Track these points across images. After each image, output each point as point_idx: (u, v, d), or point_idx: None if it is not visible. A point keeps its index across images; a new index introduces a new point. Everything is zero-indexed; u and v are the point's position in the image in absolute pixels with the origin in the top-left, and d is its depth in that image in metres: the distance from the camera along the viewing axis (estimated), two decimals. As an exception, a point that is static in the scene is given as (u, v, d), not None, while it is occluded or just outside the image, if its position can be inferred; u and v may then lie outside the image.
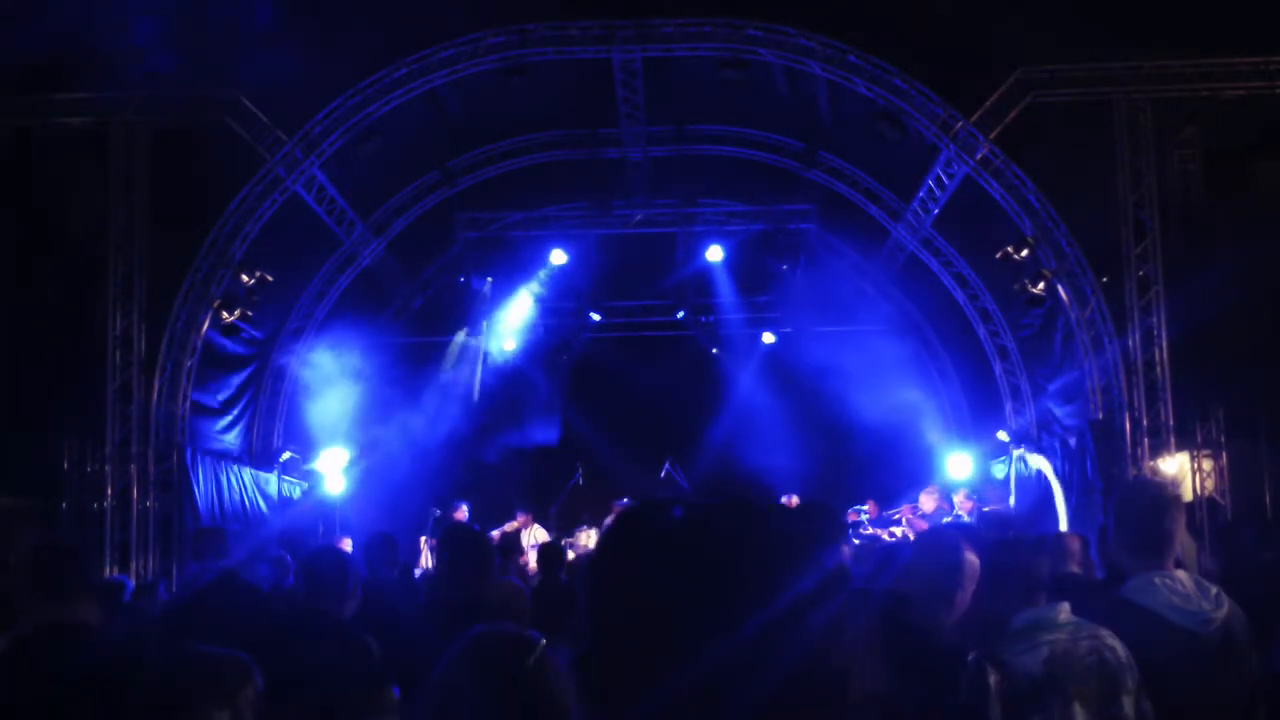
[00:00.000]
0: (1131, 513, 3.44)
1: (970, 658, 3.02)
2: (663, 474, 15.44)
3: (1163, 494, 3.55)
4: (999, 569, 3.30)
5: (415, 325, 17.19)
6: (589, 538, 13.44)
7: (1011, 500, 14.44)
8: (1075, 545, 5.61)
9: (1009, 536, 3.63)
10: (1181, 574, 3.37)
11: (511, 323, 16.40)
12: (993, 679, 2.95)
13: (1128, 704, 3.02)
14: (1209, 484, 12.93)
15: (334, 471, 16.43)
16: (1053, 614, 3.14)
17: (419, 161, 15.02)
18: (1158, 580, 3.29)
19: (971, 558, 3.41)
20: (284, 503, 15.09)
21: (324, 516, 15.90)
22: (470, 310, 15.98)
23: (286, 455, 15.21)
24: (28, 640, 3.21)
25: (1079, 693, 2.97)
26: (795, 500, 13.27)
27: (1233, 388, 12.78)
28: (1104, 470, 12.45)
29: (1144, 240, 12.53)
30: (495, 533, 13.22)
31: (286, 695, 3.22)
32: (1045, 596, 3.22)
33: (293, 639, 3.84)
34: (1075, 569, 5.33)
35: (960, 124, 12.72)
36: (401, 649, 4.30)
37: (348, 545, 12.50)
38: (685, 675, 1.02)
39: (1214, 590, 3.35)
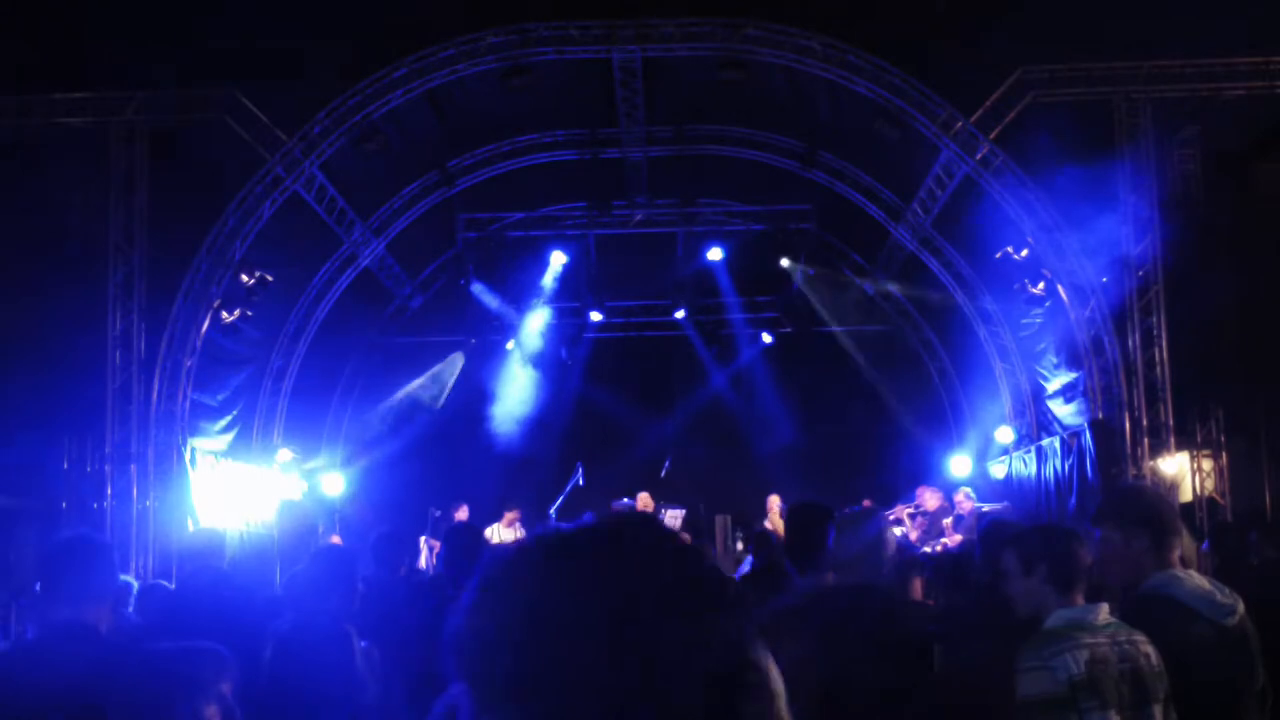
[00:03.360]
0: (1141, 515, 3.40)
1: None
2: (663, 473, 15.44)
3: (1164, 495, 3.55)
4: (1034, 559, 3.20)
5: (415, 325, 17.20)
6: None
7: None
8: None
9: (1045, 525, 3.55)
10: (1194, 574, 3.39)
11: (528, 331, 16.46)
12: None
13: (1158, 713, 2.97)
14: (1209, 484, 12.92)
15: (333, 471, 16.46)
16: (1092, 616, 3.06)
17: (419, 161, 15.01)
18: (1180, 573, 3.30)
19: (890, 535, 3.37)
20: (283, 503, 15.08)
21: (323, 516, 15.92)
22: (472, 314, 15.99)
23: (286, 455, 15.21)
24: (34, 640, 3.21)
25: (1115, 700, 2.91)
26: (776, 500, 13.24)
27: (1232, 388, 12.77)
28: (1104, 470, 12.44)
29: (1144, 241, 12.52)
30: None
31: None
32: (1083, 595, 3.13)
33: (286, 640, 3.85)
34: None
35: (960, 124, 12.71)
36: (398, 649, 4.31)
37: (336, 544, 12.51)
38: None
39: (1227, 590, 3.36)
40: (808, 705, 2.28)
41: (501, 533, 13.39)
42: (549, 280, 15.93)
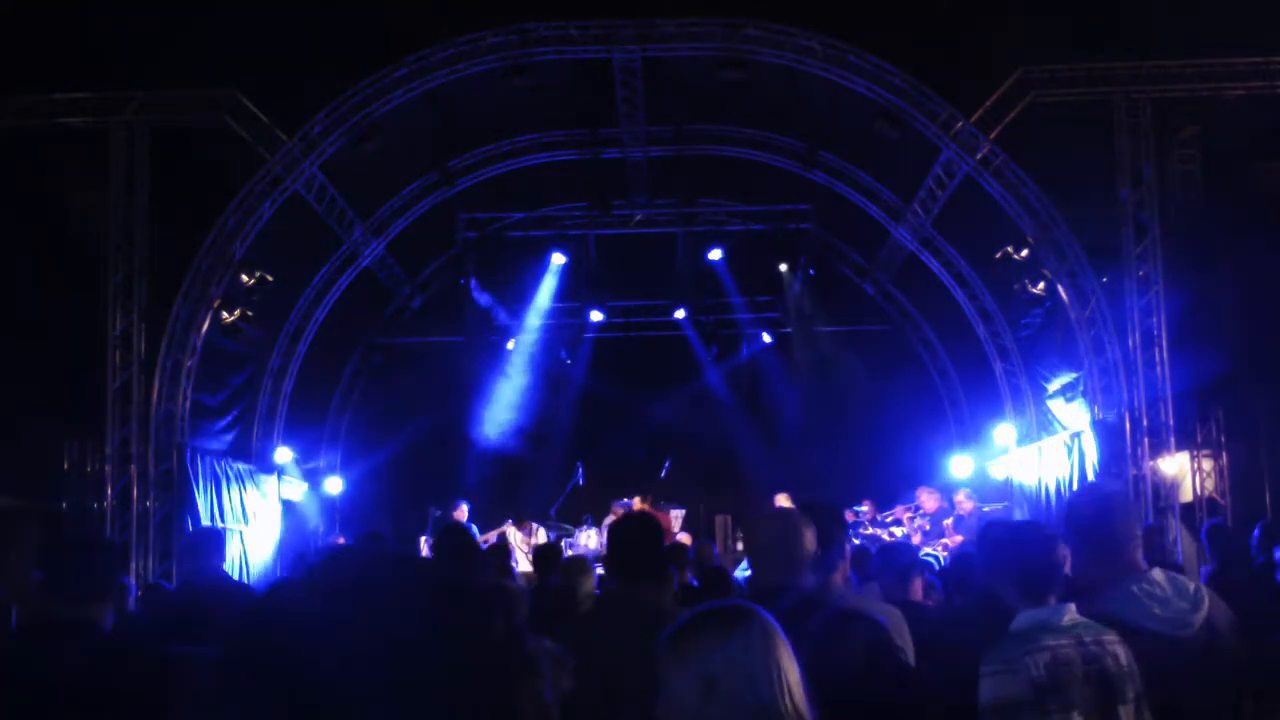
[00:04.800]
0: (1086, 523, 3.36)
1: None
2: (663, 473, 15.44)
3: (1110, 496, 3.49)
4: (1010, 563, 3.20)
5: (415, 325, 17.20)
6: (589, 538, 13.44)
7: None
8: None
9: (1022, 528, 3.53)
10: (1158, 574, 3.29)
11: (528, 331, 16.47)
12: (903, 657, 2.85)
13: (1125, 714, 2.94)
14: (1209, 484, 12.93)
15: (333, 471, 16.46)
16: (1059, 617, 3.04)
17: (419, 161, 15.01)
18: (1134, 589, 3.23)
19: (806, 533, 3.37)
20: (283, 503, 15.09)
21: (323, 516, 15.92)
22: (472, 314, 15.99)
23: (286, 455, 15.20)
24: (34, 635, 3.22)
25: (1080, 700, 2.89)
26: (785, 499, 13.21)
27: (1233, 388, 12.77)
28: (1105, 470, 12.43)
29: (1144, 240, 12.52)
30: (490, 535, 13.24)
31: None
32: (1055, 597, 3.12)
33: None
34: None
35: (960, 124, 12.71)
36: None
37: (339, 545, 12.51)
38: None
39: (1192, 587, 3.28)
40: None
41: (514, 535, 13.39)
42: (549, 280, 15.94)
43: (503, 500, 14.58)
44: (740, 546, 14.02)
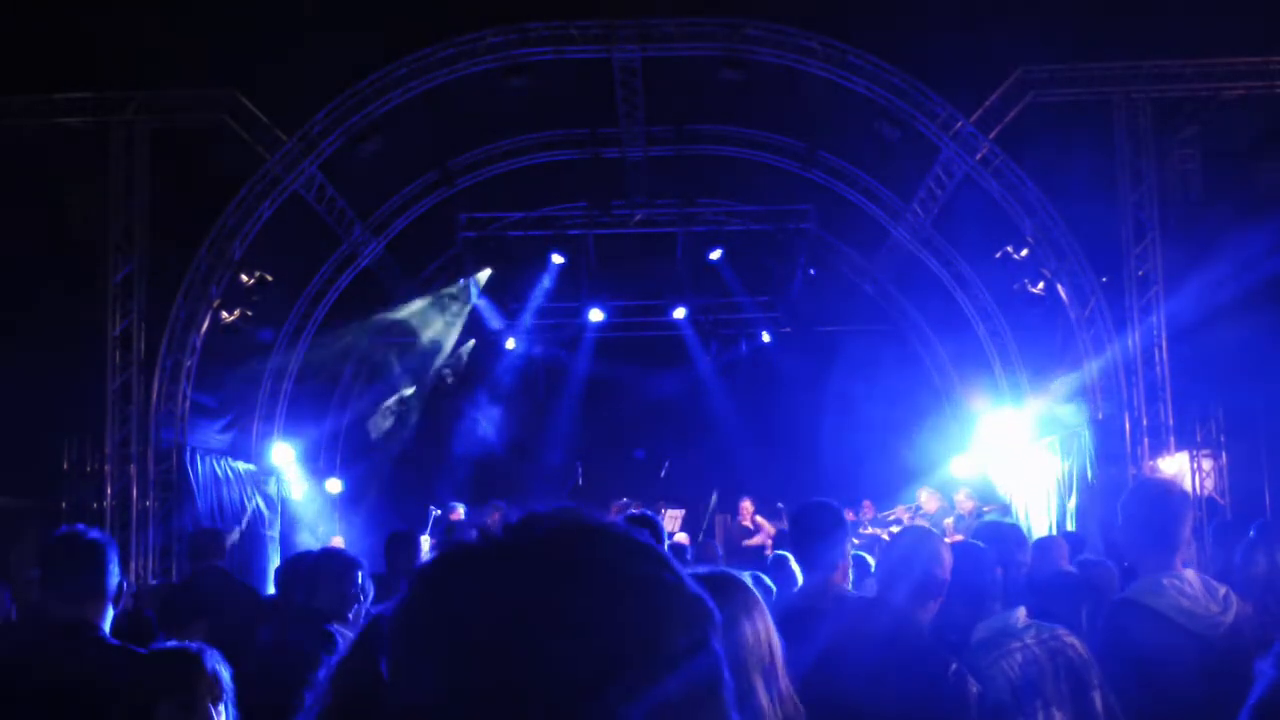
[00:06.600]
0: (1140, 512, 3.39)
1: (952, 669, 2.95)
2: (662, 473, 15.44)
3: (1172, 493, 3.51)
4: (955, 578, 3.25)
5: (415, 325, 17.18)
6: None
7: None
8: (1063, 546, 5.68)
9: (966, 544, 3.59)
10: (1191, 574, 3.32)
11: (527, 330, 16.46)
12: (974, 689, 2.88)
13: (1096, 700, 3.02)
14: (1209, 484, 12.91)
15: (333, 472, 16.46)
16: (1013, 620, 3.12)
17: (419, 161, 15.01)
18: (1166, 581, 3.24)
19: (947, 555, 3.39)
20: (283, 503, 15.09)
21: (323, 516, 15.92)
22: (471, 314, 15.98)
23: (286, 455, 15.20)
24: (31, 635, 3.22)
25: (1055, 695, 2.97)
26: (749, 504, 13.36)
27: (1233, 387, 12.76)
28: (1104, 470, 12.44)
29: (1144, 240, 12.52)
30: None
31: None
32: (1000, 604, 3.20)
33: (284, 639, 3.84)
34: (1067, 567, 5.36)
35: (960, 123, 12.71)
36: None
37: (339, 544, 12.54)
38: None
39: (1223, 591, 3.30)
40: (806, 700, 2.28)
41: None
42: (548, 280, 15.94)
43: (501, 500, 14.55)
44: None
